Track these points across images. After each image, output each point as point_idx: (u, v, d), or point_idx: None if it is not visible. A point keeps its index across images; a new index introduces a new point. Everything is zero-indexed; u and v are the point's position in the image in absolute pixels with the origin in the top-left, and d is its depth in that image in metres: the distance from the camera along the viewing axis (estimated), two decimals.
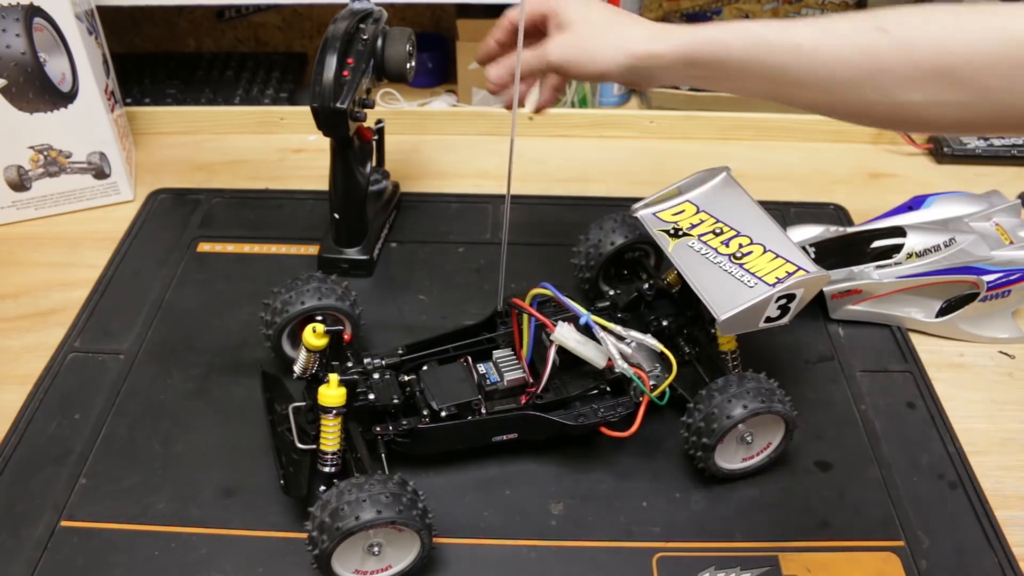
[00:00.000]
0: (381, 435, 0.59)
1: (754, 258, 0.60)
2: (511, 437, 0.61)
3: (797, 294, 0.58)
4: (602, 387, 0.62)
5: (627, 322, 0.65)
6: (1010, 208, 0.77)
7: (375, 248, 0.80)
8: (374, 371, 0.61)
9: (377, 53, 0.74)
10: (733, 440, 0.59)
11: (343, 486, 0.51)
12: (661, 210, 0.66)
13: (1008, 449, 0.65)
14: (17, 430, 0.64)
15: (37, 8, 0.76)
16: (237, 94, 1.05)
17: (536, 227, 0.86)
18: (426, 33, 1.13)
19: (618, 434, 0.60)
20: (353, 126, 0.73)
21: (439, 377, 0.61)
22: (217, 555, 0.56)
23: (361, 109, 0.71)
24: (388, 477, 0.53)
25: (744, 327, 0.59)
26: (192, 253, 0.82)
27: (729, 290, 0.59)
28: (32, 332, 0.73)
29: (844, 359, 0.72)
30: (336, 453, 0.56)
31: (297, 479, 0.57)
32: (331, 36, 0.70)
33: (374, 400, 0.59)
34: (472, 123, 1.02)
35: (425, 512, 0.53)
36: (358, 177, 0.76)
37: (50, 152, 0.83)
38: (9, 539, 0.57)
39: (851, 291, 0.73)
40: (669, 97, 1.02)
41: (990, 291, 0.71)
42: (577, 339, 0.59)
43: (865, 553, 0.58)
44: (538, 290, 0.61)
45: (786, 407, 0.59)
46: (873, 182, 0.96)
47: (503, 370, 0.62)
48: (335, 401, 0.55)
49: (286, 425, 0.59)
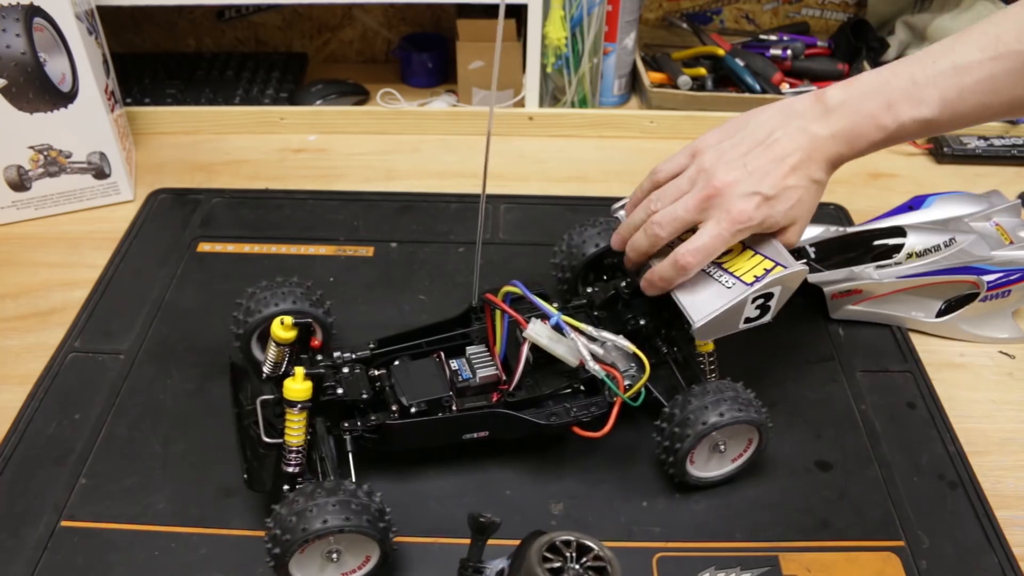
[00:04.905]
0: (349, 431, 0.57)
1: (732, 256, 0.59)
2: (482, 435, 0.60)
3: (775, 292, 0.57)
4: (576, 386, 0.61)
5: (603, 321, 0.64)
6: (1010, 208, 0.77)
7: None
8: (343, 365, 0.60)
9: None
10: (706, 448, 0.59)
11: (304, 489, 0.51)
12: None
13: (1008, 449, 0.65)
14: (17, 430, 0.64)
15: (37, 8, 0.76)
16: (237, 94, 1.05)
17: (536, 227, 0.86)
18: (426, 33, 1.13)
19: (591, 434, 0.58)
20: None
21: (410, 372, 0.60)
22: (217, 555, 0.56)
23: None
24: (340, 484, 0.51)
25: (724, 330, 0.58)
26: (192, 253, 0.82)
27: (706, 292, 0.58)
28: (32, 332, 0.73)
29: (844, 359, 0.72)
30: (300, 450, 0.55)
31: (261, 474, 0.56)
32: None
33: (342, 395, 0.57)
34: (472, 123, 1.02)
35: (382, 515, 0.52)
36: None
37: (50, 152, 0.83)
38: (9, 539, 0.57)
39: (851, 291, 0.73)
40: (669, 97, 1.02)
41: (990, 291, 0.71)
42: (550, 336, 0.58)
43: (865, 553, 0.58)
44: (509, 288, 0.60)
45: (760, 416, 0.58)
46: (873, 182, 0.96)
47: (476, 367, 0.61)
48: (300, 395, 0.54)
49: (253, 419, 0.58)
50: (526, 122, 1.02)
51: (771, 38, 1.09)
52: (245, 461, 0.57)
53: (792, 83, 1.04)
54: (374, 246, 0.84)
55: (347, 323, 0.73)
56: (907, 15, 1.10)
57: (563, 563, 0.44)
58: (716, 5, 1.17)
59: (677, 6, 1.16)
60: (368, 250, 0.83)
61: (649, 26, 1.16)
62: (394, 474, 0.61)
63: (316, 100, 1.05)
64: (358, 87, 1.08)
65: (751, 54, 1.06)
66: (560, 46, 0.98)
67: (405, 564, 0.56)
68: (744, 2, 1.16)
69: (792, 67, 1.06)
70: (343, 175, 0.95)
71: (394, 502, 0.59)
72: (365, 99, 1.07)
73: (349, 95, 1.06)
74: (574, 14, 0.97)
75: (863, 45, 1.07)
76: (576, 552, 0.44)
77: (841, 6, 1.16)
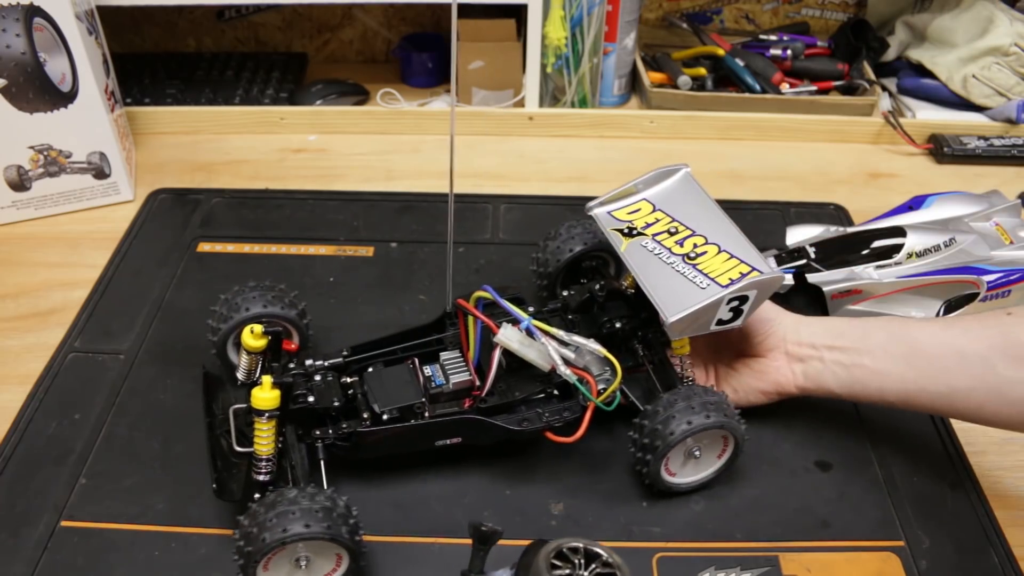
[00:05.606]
0: (321, 439, 0.57)
1: (708, 259, 0.59)
2: (455, 442, 0.59)
3: (750, 296, 0.57)
4: (550, 391, 0.60)
5: (577, 324, 0.64)
6: (1010, 208, 0.77)
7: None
8: (315, 373, 0.59)
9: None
10: (680, 454, 0.58)
11: (265, 500, 0.50)
12: (616, 208, 0.65)
13: (1008, 449, 0.65)
14: (17, 430, 0.64)
15: (37, 8, 0.76)
16: (237, 94, 1.05)
17: (536, 227, 0.86)
18: (426, 33, 1.13)
19: (564, 439, 0.58)
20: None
21: (383, 379, 0.59)
22: (217, 555, 0.56)
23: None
24: (317, 491, 0.51)
25: (695, 330, 0.58)
26: (192, 253, 0.82)
27: (680, 291, 0.57)
28: (32, 332, 0.73)
29: None
30: (270, 459, 0.55)
31: (229, 484, 0.55)
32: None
33: (313, 403, 0.56)
34: (472, 123, 1.02)
35: (347, 518, 0.51)
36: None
37: (50, 152, 0.83)
38: (9, 539, 0.57)
39: (851, 291, 0.73)
40: (669, 97, 1.02)
41: (990, 291, 0.71)
42: (520, 341, 0.57)
43: (865, 553, 0.58)
44: (480, 293, 0.60)
45: (733, 420, 0.57)
46: (873, 182, 0.96)
47: (449, 372, 0.60)
48: (267, 404, 0.53)
49: (225, 428, 0.58)
50: (526, 122, 1.02)
51: (771, 38, 1.09)
52: (215, 471, 0.56)
53: (792, 83, 1.04)
54: (374, 246, 0.84)
55: (347, 323, 0.73)
56: (907, 15, 1.10)
57: (572, 570, 0.43)
58: (716, 5, 1.17)
59: (677, 6, 1.16)
60: (368, 250, 0.83)
61: (649, 26, 1.16)
62: (394, 475, 0.61)
63: (316, 100, 1.05)
64: (358, 87, 1.08)
65: (751, 54, 1.06)
66: (560, 46, 0.98)
67: (405, 564, 0.56)
68: (744, 2, 1.16)
69: (792, 67, 1.06)
70: (343, 175, 0.95)
71: (394, 502, 0.60)
72: (365, 99, 1.07)
73: (349, 95, 1.06)
74: (574, 14, 0.97)
75: (863, 45, 1.07)
76: (584, 559, 0.44)
77: (841, 6, 1.16)
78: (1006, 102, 1.00)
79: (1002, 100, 1.00)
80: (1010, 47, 0.98)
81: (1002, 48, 0.99)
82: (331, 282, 0.79)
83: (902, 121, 1.00)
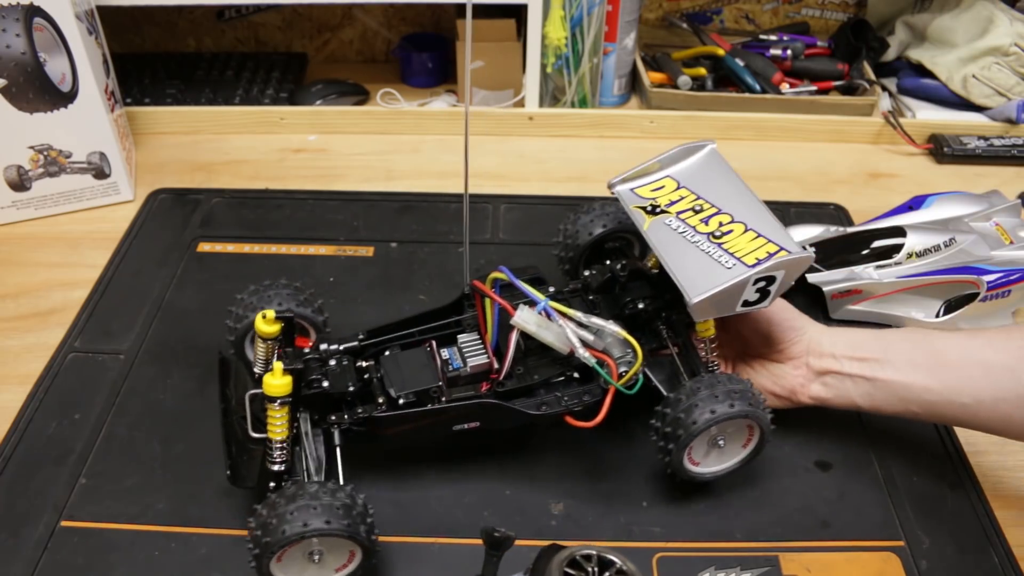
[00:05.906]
0: (336, 424, 0.56)
1: (734, 237, 0.57)
2: (473, 426, 0.57)
3: (777, 276, 0.55)
4: (569, 374, 0.59)
5: (599, 305, 0.62)
6: (1010, 208, 0.77)
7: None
8: (330, 357, 0.57)
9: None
10: (704, 443, 0.57)
11: (285, 491, 0.50)
12: (639, 185, 0.62)
13: (1008, 449, 0.65)
14: (17, 430, 0.64)
15: (37, 8, 0.76)
16: (237, 94, 1.05)
17: (536, 227, 0.86)
18: (426, 33, 1.13)
19: (583, 424, 0.56)
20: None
21: (400, 363, 0.58)
22: (217, 555, 0.56)
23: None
24: (337, 487, 0.51)
25: (720, 311, 0.56)
26: (192, 253, 0.82)
27: (705, 271, 0.55)
28: (32, 332, 0.73)
29: None
30: (284, 446, 0.54)
31: (243, 470, 0.55)
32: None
33: (328, 387, 0.55)
34: (472, 123, 1.01)
35: (365, 516, 0.51)
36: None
37: (50, 152, 0.83)
38: (9, 539, 0.57)
39: (851, 291, 0.73)
40: (669, 97, 1.02)
41: (990, 291, 0.71)
42: (538, 323, 0.56)
43: (865, 553, 0.58)
44: (496, 274, 0.58)
45: (758, 410, 0.56)
46: (873, 182, 0.96)
47: (467, 355, 0.59)
48: (279, 390, 0.52)
49: (240, 414, 0.57)
50: (526, 122, 1.02)
51: (771, 38, 1.09)
52: (229, 457, 0.56)
53: (792, 83, 1.04)
54: (374, 246, 0.84)
55: (347, 323, 0.73)
56: (907, 15, 1.10)
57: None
58: (716, 5, 1.17)
59: (677, 6, 1.16)
60: (368, 250, 0.83)
61: (649, 26, 1.16)
62: (394, 475, 0.61)
63: (316, 100, 1.05)
64: (358, 87, 1.08)
65: (751, 54, 1.06)
66: (560, 46, 0.98)
67: (406, 564, 0.56)
68: (744, 2, 1.16)
69: (792, 67, 1.06)
70: (343, 175, 0.95)
71: (394, 502, 0.60)
72: (365, 99, 1.07)
73: (349, 95, 1.06)
74: (574, 14, 0.97)
75: (863, 45, 1.07)
76: (598, 567, 0.43)
77: (841, 6, 1.16)
78: (1006, 102, 1.00)
79: (1002, 100, 1.00)
80: (1010, 47, 0.98)
81: (1002, 48, 0.99)
82: (331, 282, 0.79)
83: (902, 121, 1.00)
